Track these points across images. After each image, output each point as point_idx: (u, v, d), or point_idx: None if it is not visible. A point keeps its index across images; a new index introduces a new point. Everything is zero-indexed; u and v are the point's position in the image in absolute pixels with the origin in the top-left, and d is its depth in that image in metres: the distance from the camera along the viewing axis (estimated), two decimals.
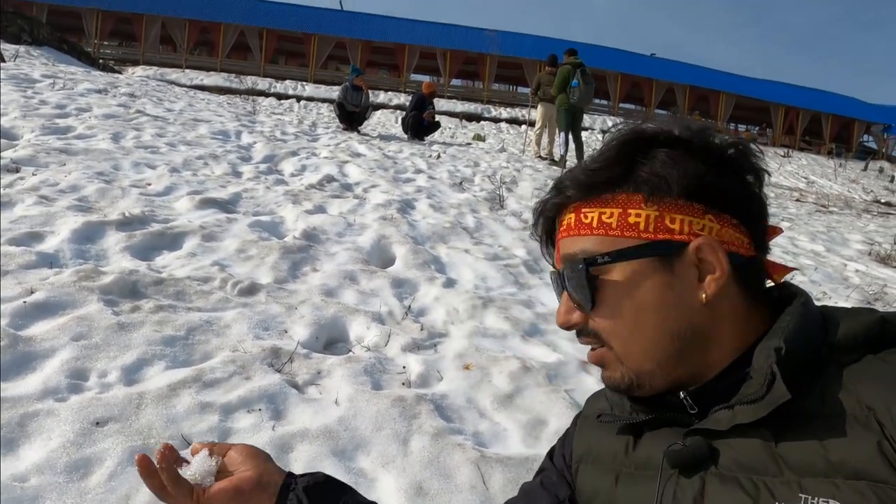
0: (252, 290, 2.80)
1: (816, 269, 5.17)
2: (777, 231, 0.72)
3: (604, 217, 0.67)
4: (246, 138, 6.66)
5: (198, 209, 3.81)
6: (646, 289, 0.66)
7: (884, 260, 6.17)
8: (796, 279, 4.67)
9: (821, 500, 0.54)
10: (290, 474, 0.78)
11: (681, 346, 0.66)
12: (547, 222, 0.76)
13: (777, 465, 0.57)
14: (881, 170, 25.27)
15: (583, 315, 0.70)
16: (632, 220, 0.66)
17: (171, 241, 3.24)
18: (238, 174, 5.00)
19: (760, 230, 0.69)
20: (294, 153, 6.14)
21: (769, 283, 0.72)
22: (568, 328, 0.72)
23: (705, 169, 0.66)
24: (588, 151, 11.01)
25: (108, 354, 2.08)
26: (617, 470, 0.72)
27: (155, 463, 0.74)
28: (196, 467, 0.76)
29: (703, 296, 0.65)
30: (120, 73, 15.62)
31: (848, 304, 4.12)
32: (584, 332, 0.71)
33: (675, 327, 0.66)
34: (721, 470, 0.61)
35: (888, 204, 15.44)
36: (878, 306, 4.28)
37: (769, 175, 0.70)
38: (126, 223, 3.30)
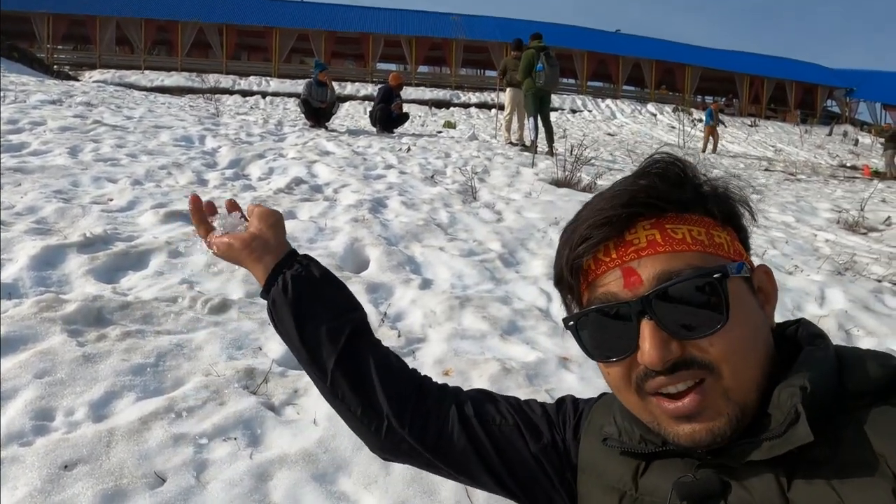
0: (223, 307, 2.73)
1: (787, 242, 5.25)
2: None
3: (693, 234, 0.64)
4: (210, 143, 6.50)
5: (163, 223, 3.71)
6: (752, 309, 0.64)
7: (852, 227, 6.30)
8: (768, 254, 4.74)
9: None
10: (290, 255, 0.91)
11: (768, 372, 0.63)
12: (602, 242, 0.65)
13: None
14: (845, 133, 25.83)
15: (679, 346, 0.61)
16: (717, 240, 0.65)
17: (137, 260, 3.15)
18: (203, 182, 4.88)
19: None
20: (261, 155, 6.02)
21: (784, 320, 0.72)
22: (665, 365, 0.60)
23: (733, 205, 0.70)
24: (558, 133, 11.02)
25: (74, 390, 2.01)
26: (621, 492, 0.70)
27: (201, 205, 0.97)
28: (223, 220, 0.94)
29: (773, 322, 0.67)
30: (76, 79, 15.13)
31: (819, 277, 4.20)
32: (684, 365, 0.60)
33: (768, 352, 0.64)
34: None
35: (853, 168, 15.80)
36: (849, 276, 4.36)
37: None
38: (88, 244, 3.19)
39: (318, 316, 0.85)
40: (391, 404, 0.84)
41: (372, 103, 10.80)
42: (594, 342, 0.66)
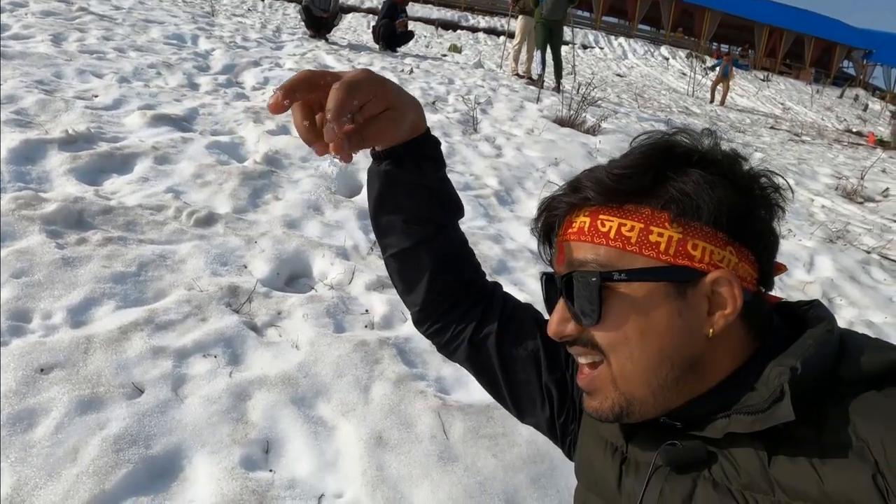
0: (209, 220, 2.66)
1: None
2: (782, 268, 0.70)
3: (623, 229, 0.64)
4: (203, 44, 6.17)
5: (150, 126, 3.56)
6: (656, 313, 0.63)
7: (849, 195, 6.26)
8: None
9: None
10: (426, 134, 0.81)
11: (677, 376, 0.64)
12: (552, 219, 0.71)
13: (770, 485, 0.58)
14: (856, 97, 25.32)
15: (578, 327, 0.67)
16: (653, 238, 0.63)
17: (121, 163, 3.03)
18: (194, 86, 4.66)
19: (770, 266, 0.68)
20: (256, 63, 5.74)
21: (793, 299, 0.71)
22: (560, 339, 0.69)
23: (735, 198, 0.64)
24: (566, 69, 10.63)
25: (52, 293, 1.96)
26: (614, 447, 0.72)
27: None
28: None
29: (711, 330, 0.63)
30: None
31: (811, 243, 4.19)
32: (578, 342, 0.67)
33: (675, 356, 0.64)
34: (714, 477, 0.61)
35: (859, 134, 15.59)
36: (840, 244, 4.37)
37: (784, 212, 0.68)
38: (70, 141, 3.06)
39: (404, 209, 0.82)
40: (424, 306, 0.89)
41: (376, 17, 10.27)
42: (549, 300, 0.74)
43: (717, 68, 16.53)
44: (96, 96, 3.87)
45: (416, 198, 0.80)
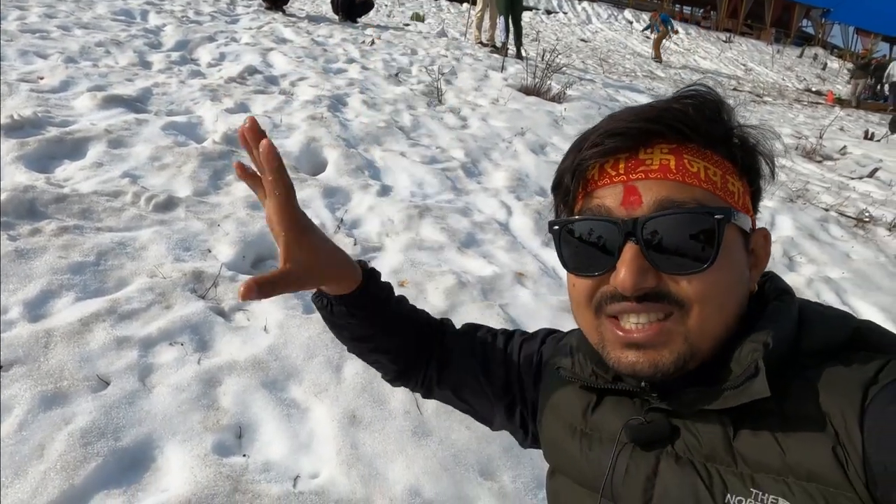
0: (169, 204, 2.59)
1: None
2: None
3: (709, 173, 0.60)
4: (154, 20, 5.92)
5: (101, 108, 3.42)
6: (741, 262, 0.62)
7: (809, 155, 6.41)
8: None
9: (770, 497, 0.55)
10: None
11: (733, 330, 0.61)
12: (613, 154, 0.61)
13: (733, 457, 0.58)
14: (815, 56, 25.73)
15: (656, 277, 0.59)
16: (731, 187, 0.62)
17: (73, 148, 2.91)
18: (146, 65, 4.48)
19: None
20: (211, 38, 5.54)
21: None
22: (636, 293, 0.58)
23: (758, 161, 0.65)
24: (525, 33, 10.52)
25: (6, 287, 1.90)
26: (574, 426, 0.72)
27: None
28: None
29: (755, 285, 0.65)
30: None
31: (772, 203, 4.30)
32: (655, 297, 0.59)
33: (740, 309, 0.62)
34: (677, 451, 0.61)
35: (818, 93, 15.91)
36: (800, 203, 4.49)
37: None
38: (17, 127, 2.92)
39: (352, 328, 0.83)
40: (389, 373, 0.91)
41: None
42: (573, 252, 0.63)
43: (649, 29, 16.51)
44: (42, 78, 3.70)
45: (352, 328, 0.81)
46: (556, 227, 0.65)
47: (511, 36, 8.48)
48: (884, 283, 3.41)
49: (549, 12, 22.52)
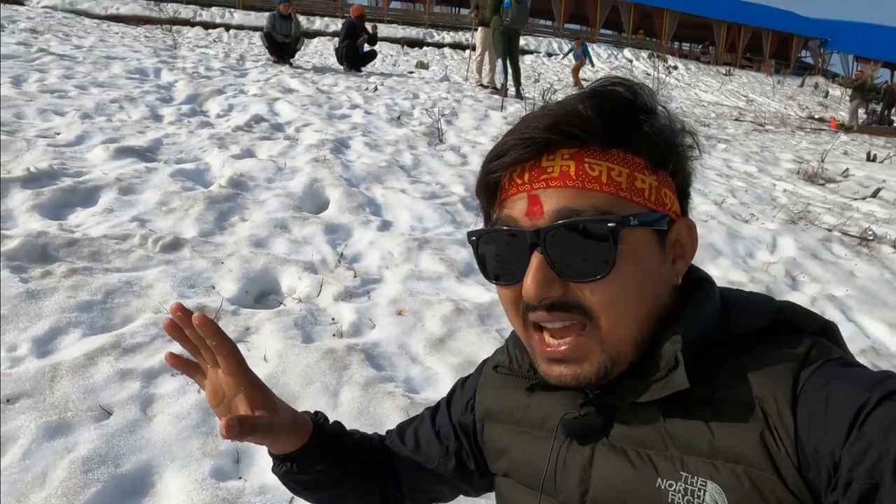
0: (175, 245, 2.68)
1: (747, 191, 5.36)
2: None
3: (612, 174, 0.59)
4: (166, 76, 6.20)
5: (114, 159, 3.58)
6: (649, 263, 0.61)
7: (811, 178, 6.43)
8: (727, 202, 4.84)
9: (699, 479, 0.56)
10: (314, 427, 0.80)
11: (651, 329, 0.62)
12: (510, 166, 0.61)
13: (664, 442, 0.59)
14: (816, 85, 26.00)
15: (564, 286, 0.59)
16: (638, 184, 0.60)
17: (85, 196, 3.05)
18: (158, 117, 4.69)
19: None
20: (220, 91, 5.78)
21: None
22: (541, 302, 0.59)
23: (684, 150, 0.65)
24: (527, 75, 10.78)
25: (16, 326, 1.97)
26: (514, 426, 0.73)
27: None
28: None
29: (678, 278, 0.64)
30: (20, 3, 14.11)
31: (773, 225, 4.31)
32: (561, 307, 0.59)
33: (656, 309, 0.62)
34: (612, 441, 0.63)
35: (821, 119, 16.01)
36: (801, 225, 4.50)
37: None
38: (33, 179, 3.07)
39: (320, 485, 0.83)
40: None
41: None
42: (489, 262, 0.64)
43: (571, 54, 16.42)
44: (58, 134, 3.88)
45: (325, 473, 0.81)
46: (473, 238, 0.65)
47: (510, 77, 8.72)
48: (889, 299, 3.38)
49: (549, 55, 23.10)
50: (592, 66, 15.48)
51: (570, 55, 16.89)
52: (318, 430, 0.79)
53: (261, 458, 1.62)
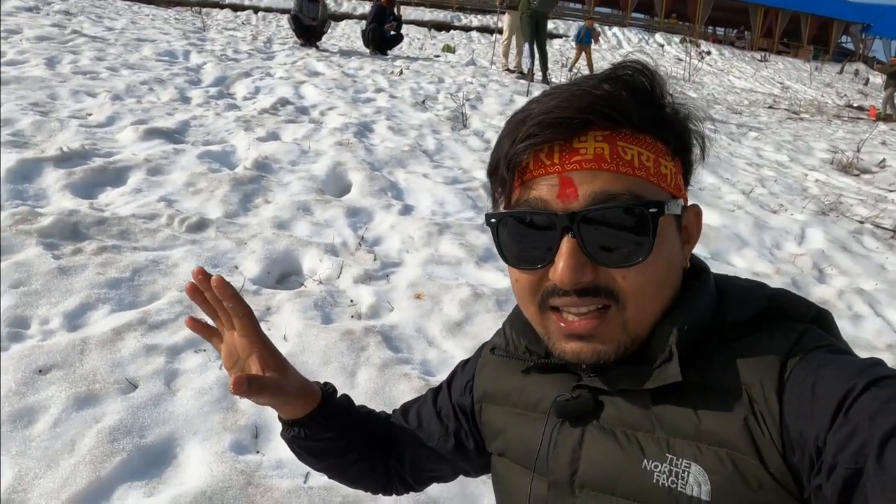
0: (201, 225, 2.74)
1: (777, 181, 5.23)
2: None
3: (642, 158, 0.59)
4: (195, 59, 6.29)
5: (143, 140, 3.65)
6: (673, 247, 0.62)
7: (845, 168, 6.25)
8: (755, 192, 4.73)
9: (684, 461, 0.58)
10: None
11: (667, 307, 0.62)
12: (548, 141, 0.58)
13: (652, 424, 0.61)
14: (856, 72, 25.10)
15: (594, 271, 0.58)
16: (663, 170, 0.61)
17: (115, 176, 3.12)
18: (186, 100, 4.76)
19: None
20: (247, 74, 5.84)
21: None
22: (574, 287, 0.58)
23: (696, 136, 0.66)
24: (555, 60, 10.62)
25: (49, 300, 2.05)
26: (510, 408, 0.75)
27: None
28: None
29: (686, 262, 0.65)
30: None
31: (803, 216, 4.21)
32: (591, 292, 0.59)
33: (674, 290, 0.63)
34: (602, 423, 0.64)
35: (860, 108, 15.47)
36: (832, 216, 4.38)
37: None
38: (65, 159, 3.16)
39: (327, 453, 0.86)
40: (371, 486, 0.93)
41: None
42: (511, 245, 0.62)
43: (577, 35, 15.51)
44: (90, 115, 3.97)
45: (331, 442, 0.83)
46: (494, 221, 0.63)
47: (537, 61, 8.61)
48: None
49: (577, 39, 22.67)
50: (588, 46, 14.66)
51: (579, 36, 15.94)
52: (326, 400, 0.82)
53: (278, 435, 1.66)
